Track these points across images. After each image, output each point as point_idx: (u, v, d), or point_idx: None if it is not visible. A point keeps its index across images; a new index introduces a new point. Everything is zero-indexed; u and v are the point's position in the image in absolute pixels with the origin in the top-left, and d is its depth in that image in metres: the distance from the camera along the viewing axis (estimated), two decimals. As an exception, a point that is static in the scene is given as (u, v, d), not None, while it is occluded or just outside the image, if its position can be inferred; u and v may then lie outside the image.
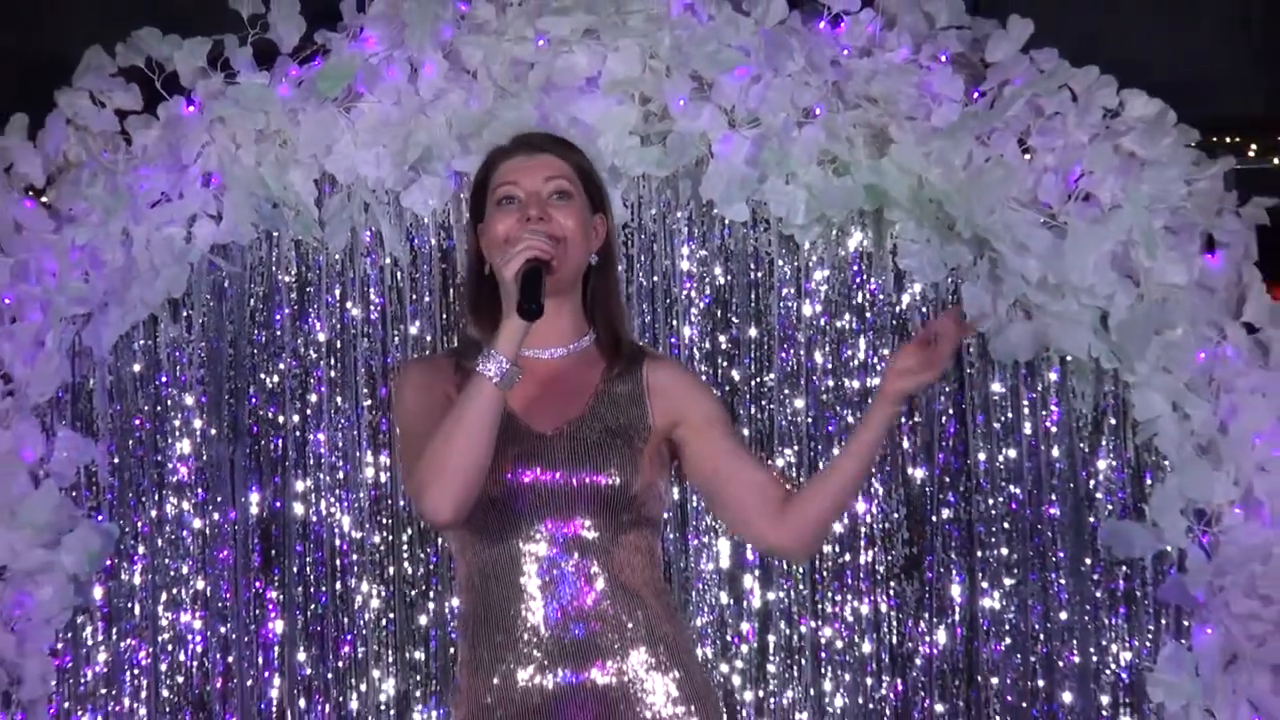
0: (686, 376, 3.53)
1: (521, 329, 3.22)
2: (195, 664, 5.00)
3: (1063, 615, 4.86)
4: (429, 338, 4.95)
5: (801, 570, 4.99)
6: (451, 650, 4.90)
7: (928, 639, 5.00)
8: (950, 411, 4.97)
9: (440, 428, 3.26)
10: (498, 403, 3.22)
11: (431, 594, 5.05)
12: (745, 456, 3.46)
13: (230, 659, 5.00)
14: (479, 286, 3.40)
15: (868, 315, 4.94)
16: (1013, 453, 4.90)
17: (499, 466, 3.29)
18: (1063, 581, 4.87)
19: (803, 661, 5.03)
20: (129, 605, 4.93)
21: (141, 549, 4.94)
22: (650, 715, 3.30)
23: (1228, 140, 5.67)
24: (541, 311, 3.21)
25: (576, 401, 3.39)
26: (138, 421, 4.92)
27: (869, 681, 5.02)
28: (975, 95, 4.64)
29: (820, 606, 5.04)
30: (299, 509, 5.01)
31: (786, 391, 5.00)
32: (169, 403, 4.95)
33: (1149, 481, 4.68)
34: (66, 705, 4.83)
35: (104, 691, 4.90)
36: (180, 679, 5.00)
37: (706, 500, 3.76)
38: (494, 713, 3.32)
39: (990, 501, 4.92)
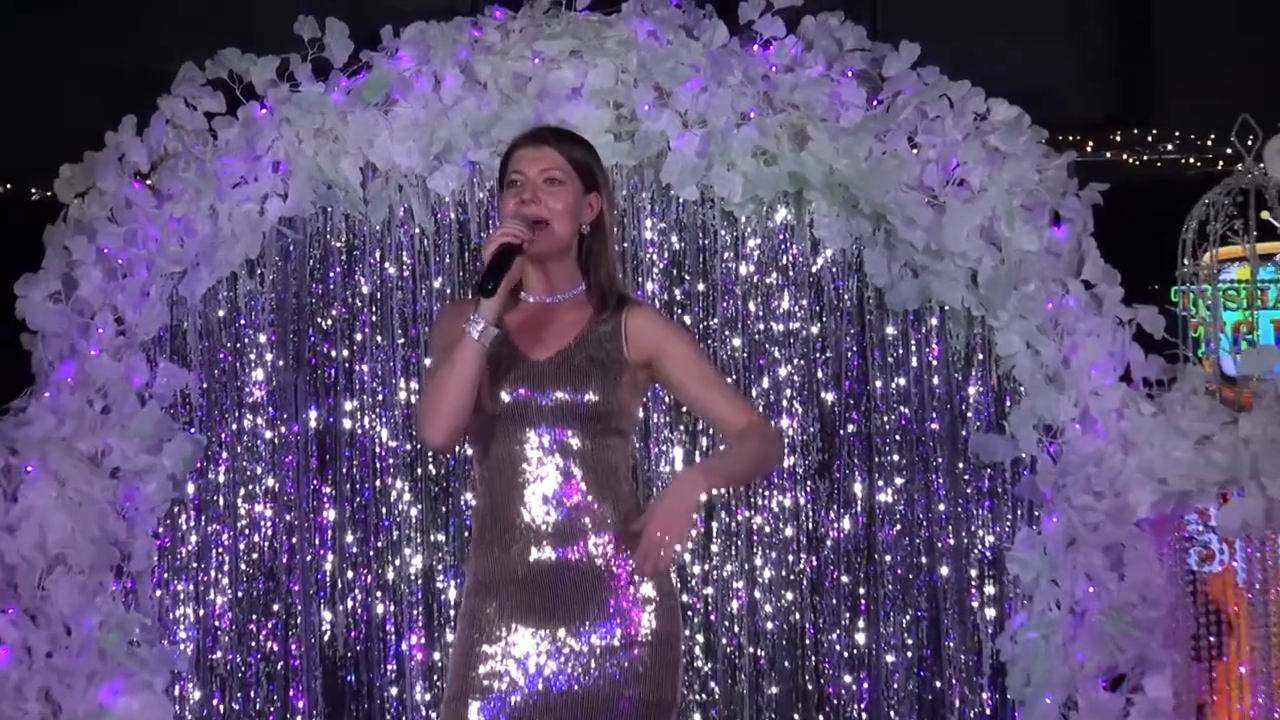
0: (660, 322, 3.70)
1: (490, 302, 3.50)
2: (266, 544, 5.27)
3: (941, 507, 5.19)
4: (449, 290, 5.19)
5: (737, 472, 5.33)
6: (466, 534, 5.14)
7: (836, 525, 5.33)
8: (854, 348, 5.23)
9: (438, 373, 3.53)
10: (480, 355, 3.50)
11: (450, 490, 5.33)
12: (711, 388, 3.66)
13: (294, 540, 5.28)
14: None
15: (790, 274, 5.21)
16: (902, 380, 5.19)
17: (502, 386, 3.56)
18: (941, 481, 5.19)
19: (739, 542, 5.35)
20: (215, 498, 5.22)
21: (224, 454, 5.21)
22: (614, 585, 3.57)
23: (1070, 138, 6.19)
24: (494, 291, 3.46)
25: (567, 336, 3.62)
26: (221, 355, 5.14)
27: (790, 558, 5.34)
28: (875, 103, 4.88)
29: (752, 499, 5.35)
30: (347, 423, 5.30)
31: (727, 333, 5.29)
32: (246, 340, 5.18)
33: (1008, 403, 4.92)
34: (166, 576, 5.11)
35: (195, 565, 5.19)
36: (255, 556, 5.28)
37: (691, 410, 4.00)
38: (494, 578, 3.60)
39: (885, 418, 5.22)
